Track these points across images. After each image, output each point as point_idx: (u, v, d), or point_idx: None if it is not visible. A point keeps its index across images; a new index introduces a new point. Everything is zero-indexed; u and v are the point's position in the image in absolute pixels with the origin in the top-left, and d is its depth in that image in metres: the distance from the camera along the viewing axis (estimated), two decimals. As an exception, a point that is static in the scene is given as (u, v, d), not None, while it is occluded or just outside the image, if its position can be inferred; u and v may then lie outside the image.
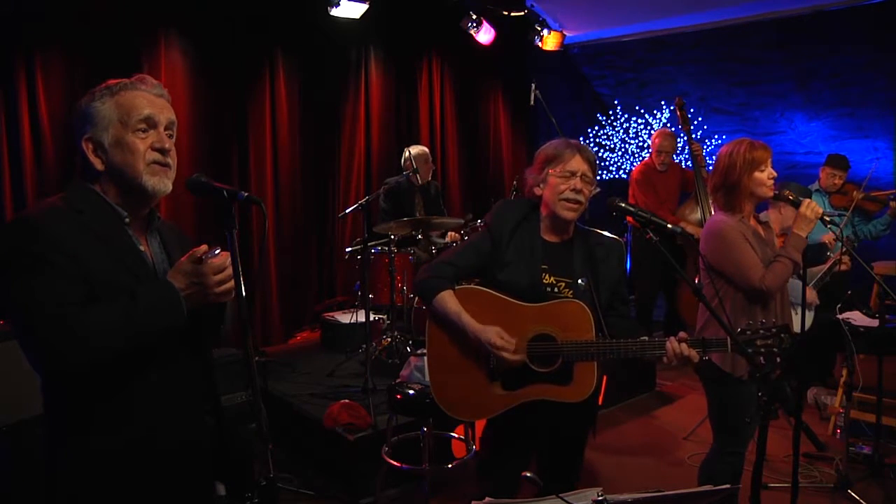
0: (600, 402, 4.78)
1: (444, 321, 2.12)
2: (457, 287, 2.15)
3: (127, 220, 1.50)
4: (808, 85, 5.91)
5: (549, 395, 2.10)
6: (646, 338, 2.05)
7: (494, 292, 2.13)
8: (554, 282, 2.15)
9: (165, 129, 1.51)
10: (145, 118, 1.47)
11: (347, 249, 4.71)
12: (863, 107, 5.84)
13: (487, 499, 1.40)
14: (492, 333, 2.04)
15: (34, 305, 1.32)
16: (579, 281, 2.16)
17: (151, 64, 4.59)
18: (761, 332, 1.95)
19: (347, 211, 5.13)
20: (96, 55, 4.31)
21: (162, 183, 1.51)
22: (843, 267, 3.78)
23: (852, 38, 5.35)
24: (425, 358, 2.33)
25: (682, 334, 2.02)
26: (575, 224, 2.23)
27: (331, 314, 5.20)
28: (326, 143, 5.72)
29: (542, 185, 2.18)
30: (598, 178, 7.27)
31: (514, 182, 5.26)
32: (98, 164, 1.47)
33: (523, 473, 1.40)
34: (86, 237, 1.41)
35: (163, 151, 1.49)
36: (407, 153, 4.90)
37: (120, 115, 1.46)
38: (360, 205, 4.85)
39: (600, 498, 1.37)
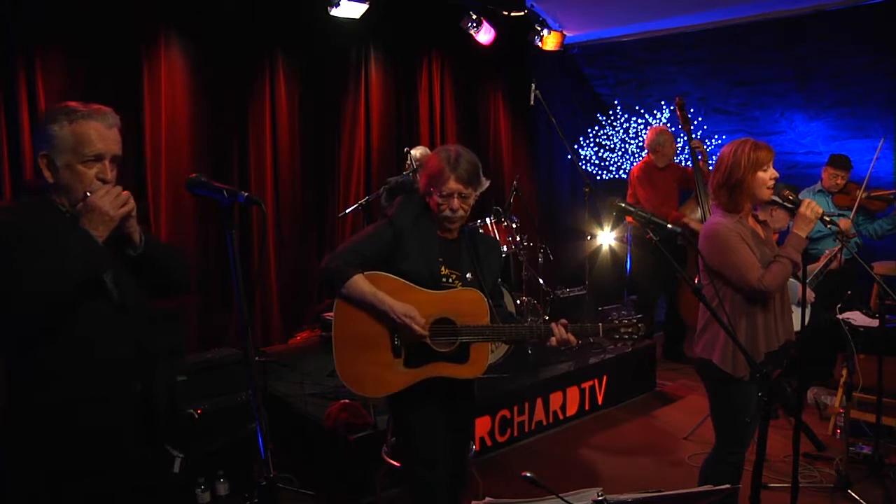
0: (600, 402, 4.84)
1: (358, 302, 2.26)
2: (365, 273, 2.28)
3: (68, 215, 1.73)
4: (808, 85, 5.91)
5: (449, 372, 2.32)
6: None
7: (399, 279, 2.30)
8: (448, 273, 2.38)
9: (110, 161, 1.75)
10: (95, 155, 1.71)
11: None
12: (863, 107, 5.84)
13: (487, 498, 1.41)
14: (407, 307, 2.24)
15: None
16: (467, 275, 2.40)
17: (151, 64, 4.59)
18: (625, 321, 2.33)
19: (347, 211, 5.15)
20: (96, 55, 4.31)
21: None
22: (835, 265, 3.78)
23: (852, 38, 5.35)
24: None
25: (563, 320, 2.31)
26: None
27: (331, 314, 5.18)
28: (326, 143, 5.72)
29: (428, 196, 2.37)
30: (599, 177, 7.34)
31: (514, 182, 5.26)
32: (48, 178, 1.71)
33: (523, 473, 1.39)
34: (35, 229, 1.67)
35: (104, 182, 1.72)
36: (417, 152, 4.89)
37: (74, 145, 1.69)
38: (360, 205, 4.86)
39: (600, 498, 1.37)
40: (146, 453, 1.87)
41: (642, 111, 7.13)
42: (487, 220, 4.63)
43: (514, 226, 4.78)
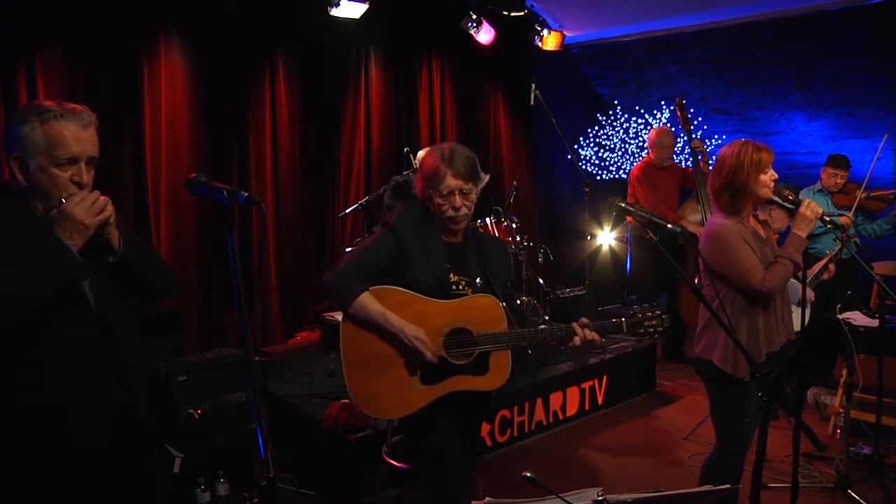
0: (600, 402, 4.83)
1: (366, 323, 2.14)
2: (371, 287, 2.17)
3: (44, 220, 1.66)
4: (808, 85, 5.91)
5: (469, 385, 2.21)
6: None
7: (407, 291, 2.19)
8: (458, 280, 2.26)
9: (86, 162, 1.68)
10: (69, 157, 1.64)
11: (347, 249, 4.72)
12: (863, 107, 5.84)
13: (487, 498, 1.40)
14: (418, 330, 2.13)
15: None
16: (477, 280, 2.28)
17: (151, 64, 4.59)
18: (648, 314, 2.23)
19: (347, 211, 5.15)
20: (96, 55, 4.31)
21: None
22: (827, 276, 3.79)
23: (852, 39, 5.35)
24: None
25: (583, 319, 2.23)
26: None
27: (331, 314, 5.19)
28: (326, 143, 5.72)
29: (428, 200, 2.26)
30: (599, 177, 7.34)
31: (514, 182, 5.26)
32: (21, 180, 1.65)
33: (523, 473, 1.39)
34: (8, 234, 1.61)
35: (80, 185, 1.66)
36: (423, 153, 4.89)
37: (47, 147, 1.62)
38: (360, 205, 4.86)
39: (600, 498, 1.37)
40: (129, 461, 1.84)
41: (642, 111, 7.13)
42: (487, 220, 4.63)
43: (514, 226, 4.78)
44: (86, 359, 1.72)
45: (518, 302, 4.57)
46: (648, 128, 7.02)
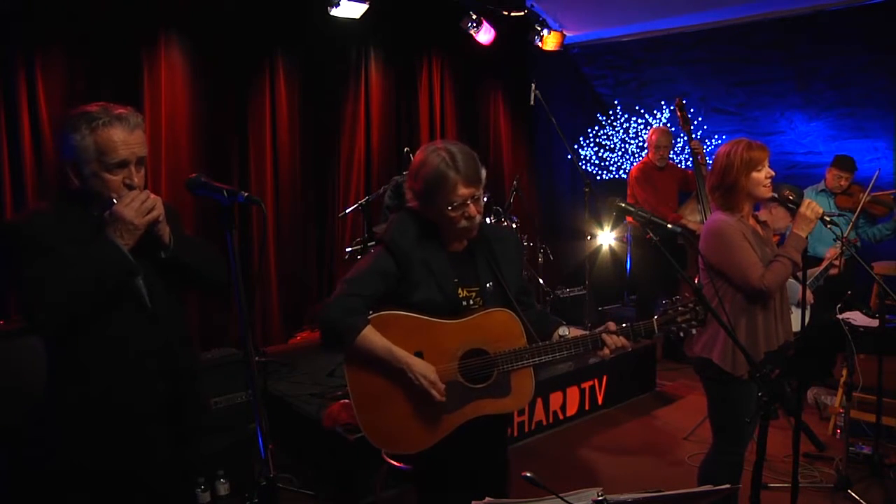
0: (600, 402, 4.82)
1: (370, 359, 1.97)
2: (372, 316, 1.99)
3: (98, 222, 1.74)
4: (808, 85, 5.91)
5: (491, 408, 2.06)
6: (564, 332, 2.09)
7: (414, 314, 2.01)
8: (467, 294, 2.09)
9: (136, 164, 1.77)
10: (119, 162, 1.72)
11: (347, 249, 4.72)
12: (863, 107, 5.84)
13: (488, 499, 1.40)
14: (427, 368, 1.97)
15: (18, 284, 1.68)
16: (487, 285, 2.10)
17: (151, 64, 4.59)
18: (680, 308, 2.04)
19: (347, 211, 5.15)
20: (96, 55, 4.31)
21: None
22: (834, 271, 3.79)
23: (852, 38, 5.35)
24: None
25: (610, 325, 2.05)
26: None
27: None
28: (326, 143, 5.72)
29: (433, 211, 2.03)
30: (599, 177, 7.35)
31: (514, 182, 5.26)
32: (76, 184, 1.74)
33: (523, 473, 1.39)
34: (62, 235, 1.70)
35: (131, 187, 1.75)
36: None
37: (97, 155, 1.70)
38: (360, 205, 4.85)
39: (600, 498, 1.37)
40: (175, 456, 1.90)
41: (642, 111, 7.13)
42: (487, 220, 4.63)
43: (514, 226, 4.78)
44: (137, 350, 1.79)
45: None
46: (648, 128, 7.01)
